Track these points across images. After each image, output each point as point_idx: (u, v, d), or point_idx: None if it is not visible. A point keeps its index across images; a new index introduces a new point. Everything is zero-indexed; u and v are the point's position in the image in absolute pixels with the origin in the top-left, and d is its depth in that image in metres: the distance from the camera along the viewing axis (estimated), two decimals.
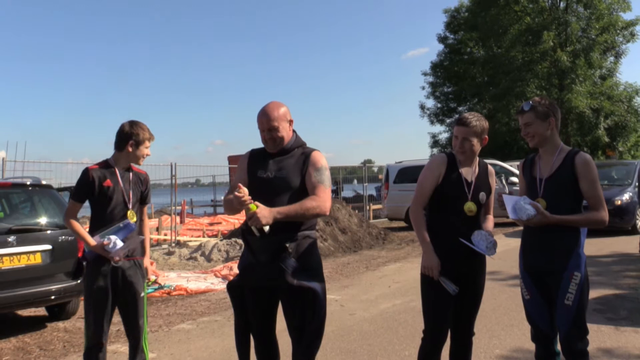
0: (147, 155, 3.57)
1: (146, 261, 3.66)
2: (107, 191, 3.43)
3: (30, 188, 5.98)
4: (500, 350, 4.52)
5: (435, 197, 3.14)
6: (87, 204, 3.57)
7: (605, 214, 2.90)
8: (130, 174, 3.59)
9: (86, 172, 3.47)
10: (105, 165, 3.53)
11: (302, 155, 3.11)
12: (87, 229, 3.49)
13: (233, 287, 3.13)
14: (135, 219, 3.53)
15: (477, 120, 3.10)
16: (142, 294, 3.54)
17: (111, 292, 3.43)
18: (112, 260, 3.38)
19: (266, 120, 3.06)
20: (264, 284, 3.04)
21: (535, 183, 3.02)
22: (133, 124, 3.54)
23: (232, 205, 2.99)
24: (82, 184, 3.47)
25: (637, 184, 12.69)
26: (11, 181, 6.26)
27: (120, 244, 3.33)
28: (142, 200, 3.68)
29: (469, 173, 3.16)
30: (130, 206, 3.51)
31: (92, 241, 3.37)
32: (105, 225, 3.43)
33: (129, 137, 3.50)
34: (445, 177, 3.12)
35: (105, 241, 3.32)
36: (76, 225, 3.47)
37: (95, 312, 3.39)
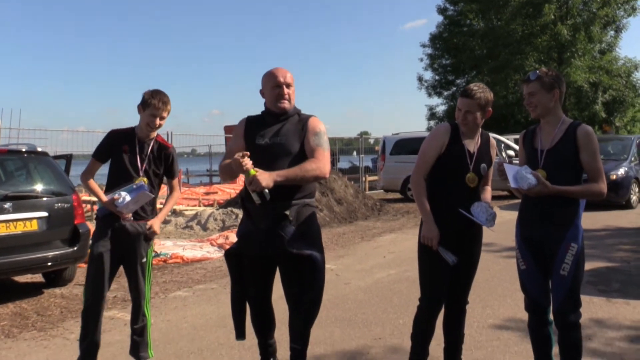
0: (153, 123, 3.48)
1: (155, 223, 3.58)
2: (122, 155, 3.51)
3: (25, 155, 5.95)
4: (494, 319, 4.58)
5: (437, 166, 3.14)
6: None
7: (603, 186, 2.91)
8: (152, 143, 3.59)
9: (109, 134, 3.60)
10: (129, 131, 3.59)
11: (300, 121, 3.09)
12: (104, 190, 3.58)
13: (231, 255, 3.14)
14: (146, 183, 3.52)
15: (481, 92, 3.07)
16: (145, 259, 3.58)
17: (114, 253, 3.50)
18: (121, 217, 3.44)
19: (284, 75, 3.06)
20: (263, 252, 3.05)
21: (535, 154, 3.01)
22: (150, 90, 3.54)
23: (229, 171, 2.98)
24: (102, 143, 3.59)
25: (632, 158, 12.74)
26: (7, 148, 6.23)
27: (129, 198, 3.39)
28: (168, 174, 3.67)
29: (471, 144, 3.15)
30: (141, 173, 3.52)
31: (104, 197, 3.46)
32: (116, 186, 3.48)
33: (141, 100, 3.53)
34: (448, 147, 3.11)
35: (116, 196, 3.39)
36: (91, 182, 3.60)
37: (95, 270, 3.47)
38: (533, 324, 3.11)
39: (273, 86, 3.07)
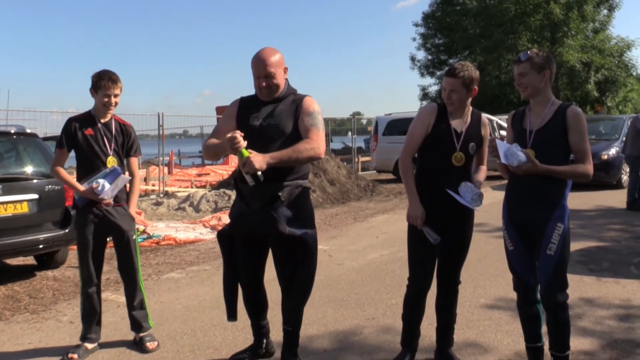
0: (109, 103, 3.58)
1: (132, 211, 3.75)
2: (88, 139, 3.58)
3: (14, 137, 5.88)
4: (485, 299, 4.62)
5: (424, 146, 3.14)
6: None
7: (590, 167, 2.93)
8: (113, 123, 3.69)
9: (68, 122, 3.64)
10: (87, 115, 3.67)
11: (294, 102, 3.06)
12: (75, 178, 3.65)
13: (223, 236, 3.14)
14: (117, 165, 3.62)
15: (465, 70, 3.05)
16: (134, 236, 3.71)
17: (100, 236, 3.64)
18: (102, 203, 3.54)
19: (263, 66, 2.97)
20: (256, 233, 3.04)
21: (524, 134, 3.02)
22: (97, 71, 3.63)
23: (215, 150, 2.95)
24: (65, 132, 3.62)
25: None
26: None
27: (108, 185, 3.47)
28: (127, 152, 3.74)
29: (459, 124, 3.14)
30: (110, 153, 3.62)
31: (81, 187, 3.53)
32: (89, 172, 3.56)
33: (91, 83, 3.61)
34: (435, 127, 3.11)
35: (94, 184, 3.46)
36: (63, 173, 3.65)
37: (86, 255, 3.61)
38: (522, 304, 3.13)
39: (254, 76, 3.04)
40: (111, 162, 3.60)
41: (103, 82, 3.53)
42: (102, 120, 3.65)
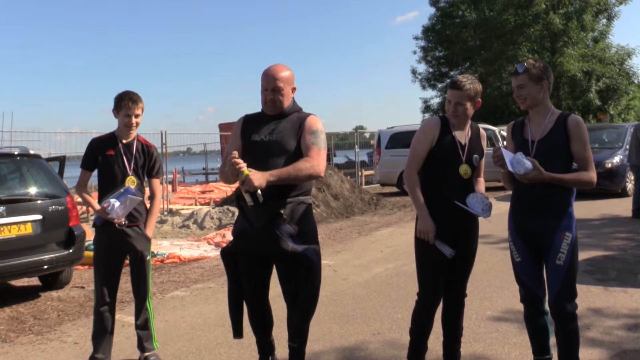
0: (130, 123, 3.66)
1: (148, 231, 3.79)
2: (108, 159, 3.66)
3: (18, 158, 5.90)
4: (492, 311, 4.58)
5: (429, 160, 3.13)
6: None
7: (594, 175, 2.93)
8: (135, 143, 3.76)
9: (90, 143, 3.75)
10: (110, 136, 3.75)
11: (298, 119, 3.07)
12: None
13: (227, 253, 3.13)
14: (135, 185, 3.68)
15: (470, 83, 3.07)
16: (148, 257, 3.75)
17: (116, 255, 3.69)
18: (116, 223, 3.58)
19: (272, 79, 3.01)
20: (259, 250, 3.03)
21: (526, 144, 3.02)
22: (120, 92, 3.72)
23: (227, 175, 2.97)
24: (86, 153, 3.73)
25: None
26: None
27: (117, 204, 3.51)
28: (149, 172, 3.82)
29: (462, 136, 3.15)
30: (130, 173, 3.68)
31: (97, 206, 3.61)
32: (109, 191, 3.63)
33: (114, 104, 3.70)
34: (439, 140, 3.10)
35: (105, 204, 3.52)
36: (84, 194, 3.76)
37: (101, 273, 3.66)
38: (529, 315, 3.10)
39: (262, 88, 3.06)
40: (130, 182, 3.65)
41: (124, 103, 3.62)
42: (124, 141, 3.72)
